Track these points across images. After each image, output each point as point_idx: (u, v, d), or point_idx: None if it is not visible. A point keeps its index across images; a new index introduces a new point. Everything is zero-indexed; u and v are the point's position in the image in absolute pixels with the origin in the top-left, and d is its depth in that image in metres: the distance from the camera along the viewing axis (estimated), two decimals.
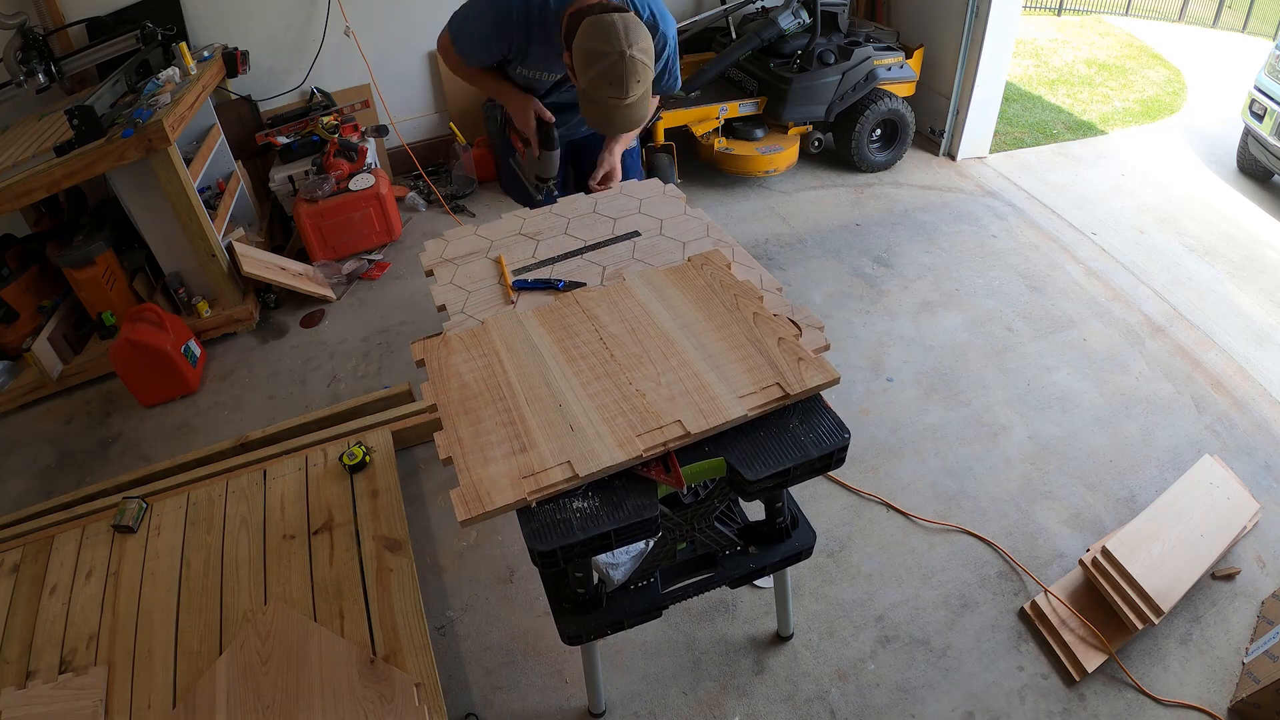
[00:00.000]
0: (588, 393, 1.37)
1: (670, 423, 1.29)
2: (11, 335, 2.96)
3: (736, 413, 1.30)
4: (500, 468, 1.25)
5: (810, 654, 1.93)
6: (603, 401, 1.35)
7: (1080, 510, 2.26)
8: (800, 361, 1.38)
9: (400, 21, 3.77)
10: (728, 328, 1.49)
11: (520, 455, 1.26)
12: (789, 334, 1.45)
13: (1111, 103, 5.34)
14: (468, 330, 1.57)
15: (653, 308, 1.58)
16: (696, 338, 1.48)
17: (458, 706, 1.84)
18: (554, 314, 1.59)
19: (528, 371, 1.44)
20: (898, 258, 3.38)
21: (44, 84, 2.97)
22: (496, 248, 1.85)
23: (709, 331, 1.49)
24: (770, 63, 3.72)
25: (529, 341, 1.51)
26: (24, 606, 2.01)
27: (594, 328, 1.53)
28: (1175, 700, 1.81)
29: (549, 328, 1.55)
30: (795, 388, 1.33)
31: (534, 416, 1.34)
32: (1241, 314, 3.08)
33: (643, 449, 1.25)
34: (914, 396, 2.67)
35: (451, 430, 1.32)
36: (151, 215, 2.93)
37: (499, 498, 1.19)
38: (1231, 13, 9.14)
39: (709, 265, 1.68)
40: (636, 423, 1.30)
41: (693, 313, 1.55)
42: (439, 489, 2.40)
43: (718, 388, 1.36)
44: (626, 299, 1.61)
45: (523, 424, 1.32)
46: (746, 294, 1.57)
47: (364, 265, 3.48)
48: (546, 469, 1.24)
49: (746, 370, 1.39)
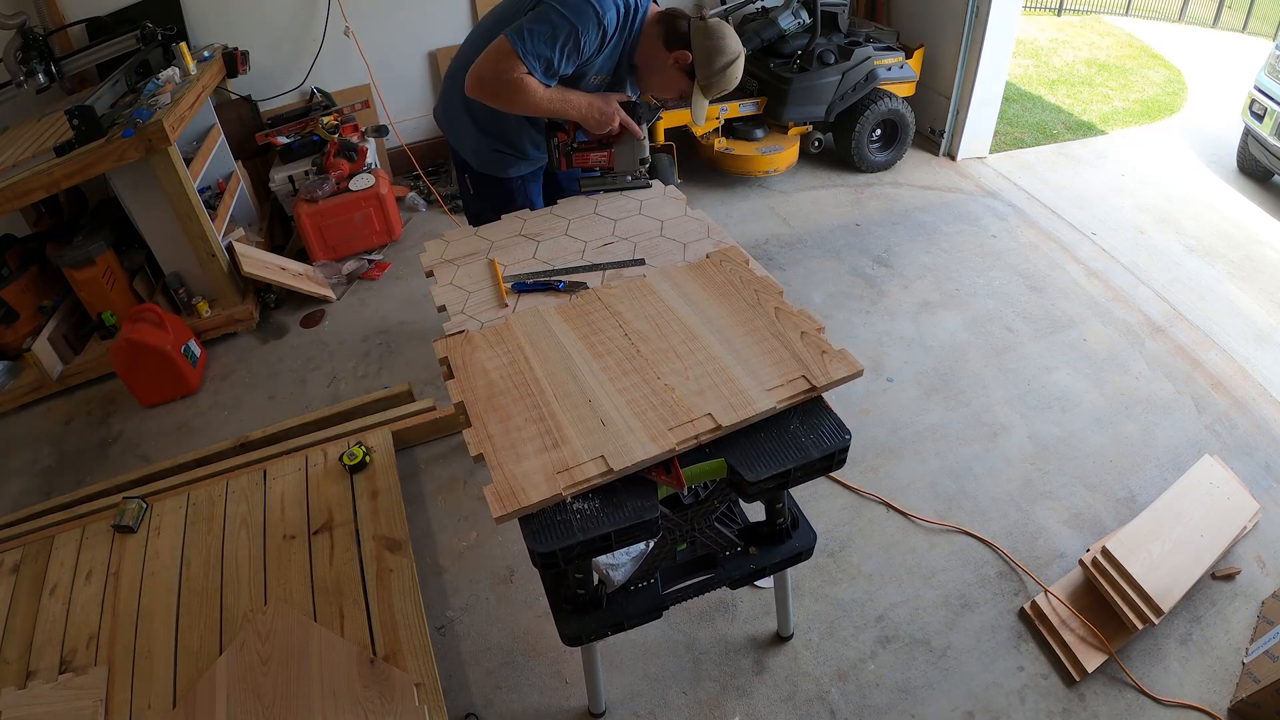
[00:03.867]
0: (616, 387, 1.38)
1: (701, 416, 1.30)
2: (12, 335, 2.96)
3: (765, 405, 1.31)
4: (533, 463, 1.25)
5: (810, 654, 1.93)
6: (632, 396, 1.36)
7: (1080, 510, 2.26)
8: (824, 354, 1.40)
9: (400, 22, 3.77)
10: (751, 322, 1.51)
11: (553, 451, 1.27)
12: (811, 328, 1.46)
13: (1111, 103, 5.34)
14: (490, 327, 1.57)
15: (675, 303, 1.58)
16: (720, 332, 1.49)
17: (458, 706, 1.84)
18: (577, 310, 1.60)
19: (554, 367, 1.44)
20: (898, 258, 3.38)
21: (44, 84, 2.97)
22: (497, 249, 1.84)
23: (733, 326, 1.50)
24: (770, 63, 3.72)
25: (553, 338, 1.52)
26: (24, 606, 2.01)
27: (618, 324, 1.54)
28: (1175, 700, 1.81)
29: (572, 324, 1.56)
30: (821, 380, 1.35)
31: (564, 412, 1.34)
32: (1241, 314, 3.08)
33: (675, 442, 1.26)
34: (914, 397, 2.67)
35: (481, 427, 1.33)
36: (151, 215, 2.93)
37: (534, 493, 1.20)
38: (1231, 13, 9.14)
39: (728, 261, 1.69)
40: (668, 416, 1.31)
41: (715, 308, 1.56)
42: (439, 489, 2.40)
43: (745, 380, 1.37)
44: (648, 295, 1.62)
45: (553, 419, 1.33)
46: (767, 289, 1.58)
47: (364, 265, 3.48)
48: (580, 464, 1.25)
49: (772, 364, 1.40)
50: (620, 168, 2.03)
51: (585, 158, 2.02)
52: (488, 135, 2.08)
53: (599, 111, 1.89)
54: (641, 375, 1.41)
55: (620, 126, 1.94)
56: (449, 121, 2.18)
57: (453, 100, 2.10)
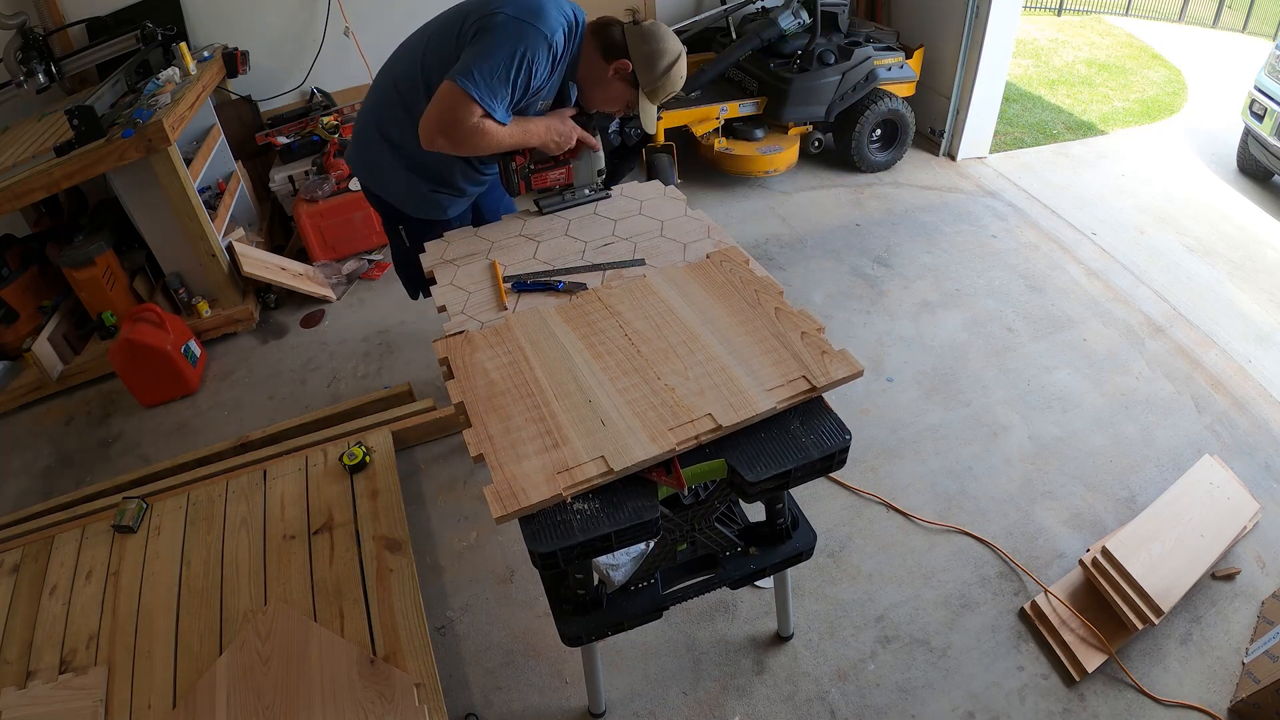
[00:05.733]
0: (616, 388, 1.38)
1: (701, 416, 1.30)
2: (12, 335, 2.96)
3: (765, 405, 1.31)
4: (533, 464, 1.25)
5: (810, 654, 1.93)
6: (632, 396, 1.36)
7: (1080, 510, 2.26)
8: (824, 355, 1.40)
9: (400, 21, 3.73)
10: (751, 323, 1.50)
11: (553, 451, 1.27)
12: (811, 328, 1.46)
13: (1111, 103, 5.34)
14: (490, 327, 1.57)
15: (675, 304, 1.58)
16: (721, 333, 1.49)
17: (458, 707, 1.84)
18: (577, 310, 1.59)
19: (554, 368, 1.44)
20: (898, 258, 3.38)
21: (44, 84, 2.97)
22: (497, 249, 1.84)
23: (733, 327, 1.50)
24: (770, 63, 3.72)
25: (553, 338, 1.52)
26: (24, 606, 2.01)
27: (618, 324, 1.54)
28: (1175, 700, 1.81)
29: (573, 324, 1.55)
30: (821, 380, 1.34)
31: (564, 412, 1.34)
32: (1242, 314, 3.08)
33: (675, 442, 1.26)
34: (914, 397, 2.67)
35: (481, 428, 1.32)
36: (151, 215, 2.93)
37: (534, 494, 1.20)
38: (1231, 13, 9.13)
39: (728, 261, 1.69)
40: (668, 416, 1.31)
41: (715, 308, 1.55)
42: (439, 489, 2.40)
43: (745, 380, 1.36)
44: (648, 295, 1.61)
45: (553, 420, 1.33)
46: (767, 289, 1.58)
47: (364, 265, 3.48)
48: (580, 464, 1.24)
49: (772, 364, 1.40)
50: (579, 183, 1.99)
51: (544, 178, 1.95)
52: (420, 174, 1.94)
53: (558, 133, 1.84)
54: (642, 375, 1.40)
55: (578, 141, 1.90)
56: (367, 167, 2.00)
57: (368, 141, 1.95)
